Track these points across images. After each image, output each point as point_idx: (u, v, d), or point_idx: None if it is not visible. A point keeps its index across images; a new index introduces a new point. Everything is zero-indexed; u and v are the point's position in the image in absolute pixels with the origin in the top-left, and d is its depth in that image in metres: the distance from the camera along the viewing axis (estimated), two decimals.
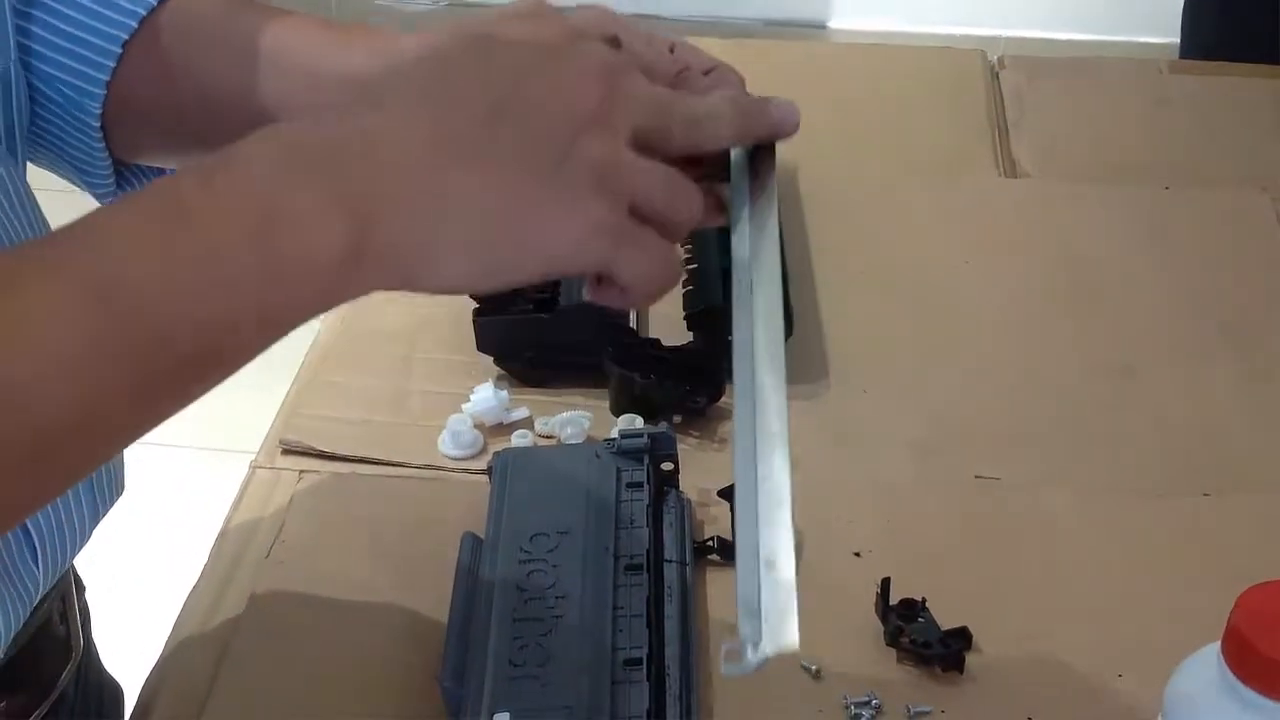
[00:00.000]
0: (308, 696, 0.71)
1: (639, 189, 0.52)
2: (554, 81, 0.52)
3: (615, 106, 0.52)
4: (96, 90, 0.66)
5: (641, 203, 0.52)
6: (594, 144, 0.51)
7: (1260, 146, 1.11)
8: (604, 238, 0.51)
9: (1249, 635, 0.50)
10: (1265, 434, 0.86)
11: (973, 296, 0.97)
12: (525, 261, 0.51)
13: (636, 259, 0.52)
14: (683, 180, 0.54)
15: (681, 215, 0.54)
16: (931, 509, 0.81)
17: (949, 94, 1.18)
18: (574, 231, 0.51)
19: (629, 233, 0.52)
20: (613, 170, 0.51)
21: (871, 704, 0.69)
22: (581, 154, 0.51)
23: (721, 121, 0.57)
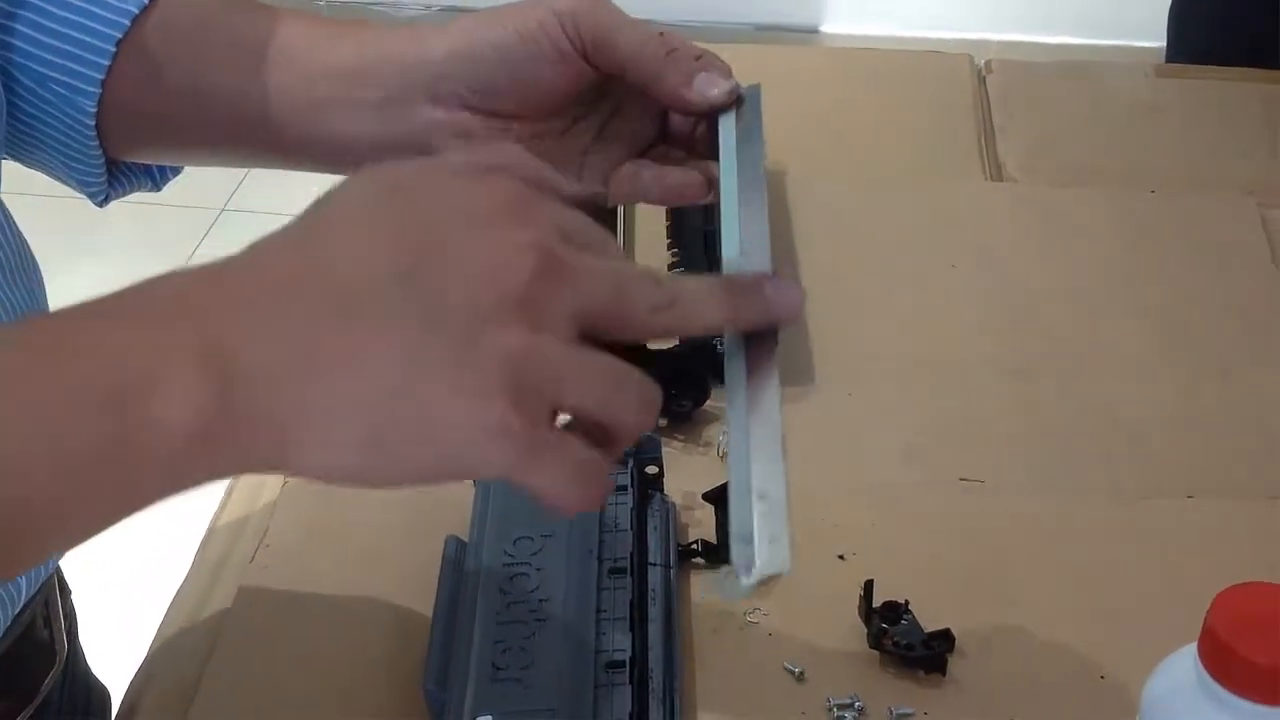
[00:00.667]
0: (291, 700, 0.71)
1: (563, 392, 0.45)
2: (482, 251, 0.45)
3: (549, 291, 0.45)
4: (91, 89, 0.67)
5: (572, 407, 0.46)
6: (511, 333, 0.44)
7: (1246, 151, 1.11)
8: (504, 448, 0.44)
9: (1225, 636, 0.50)
10: (1249, 438, 0.86)
11: (958, 300, 0.97)
12: (411, 455, 0.44)
13: (547, 476, 0.45)
14: (632, 381, 0.47)
15: (625, 421, 0.47)
16: (916, 512, 0.81)
17: (936, 98, 1.18)
18: (471, 434, 0.44)
19: (538, 445, 0.44)
20: (529, 366, 0.44)
21: (854, 706, 0.70)
22: (494, 341, 0.44)
23: (697, 308, 0.49)
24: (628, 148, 0.66)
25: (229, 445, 0.43)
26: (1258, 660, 0.50)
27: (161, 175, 0.75)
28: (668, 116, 0.66)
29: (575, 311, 0.45)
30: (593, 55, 0.62)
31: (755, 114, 0.64)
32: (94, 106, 0.67)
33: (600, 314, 0.46)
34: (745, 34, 2.76)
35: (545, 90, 0.63)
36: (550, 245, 0.45)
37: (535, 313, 0.44)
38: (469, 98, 0.64)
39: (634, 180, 0.66)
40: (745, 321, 0.51)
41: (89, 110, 0.67)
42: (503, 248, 0.45)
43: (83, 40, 0.66)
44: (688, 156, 0.66)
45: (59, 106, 0.67)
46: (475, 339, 0.44)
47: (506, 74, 0.63)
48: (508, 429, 0.44)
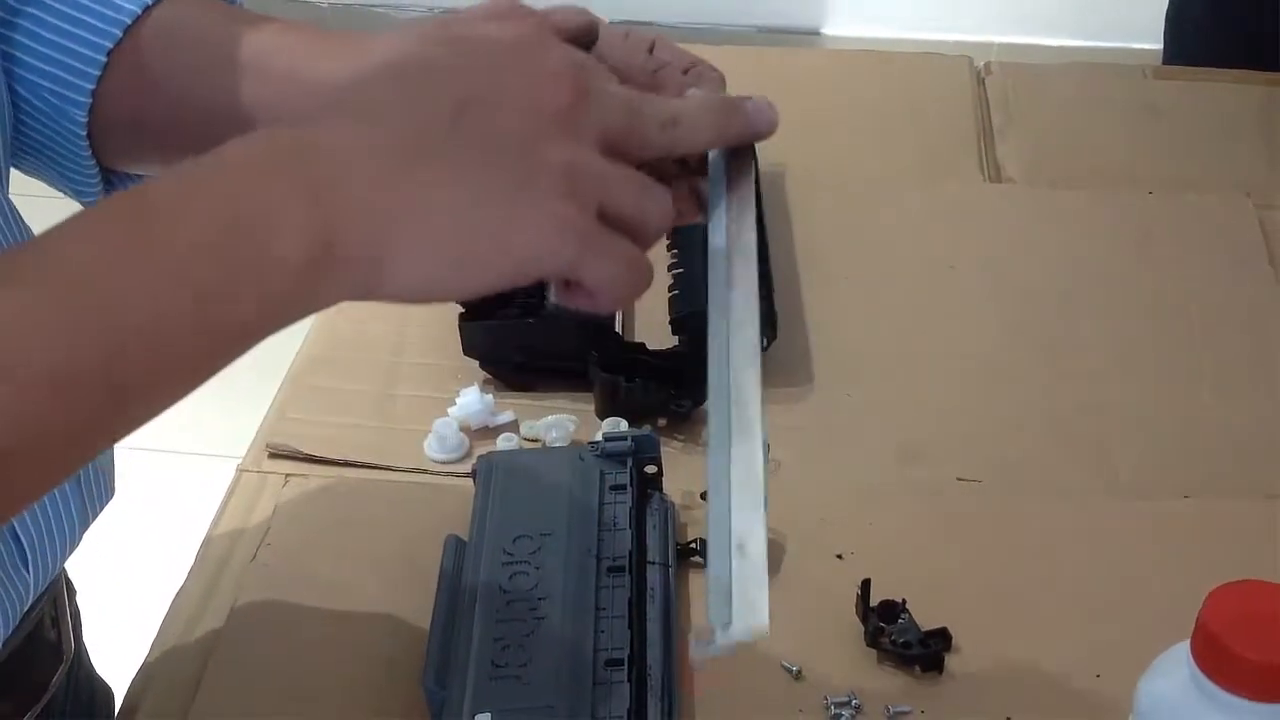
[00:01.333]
0: (292, 698, 0.71)
1: (607, 193, 0.52)
2: (520, 83, 0.51)
3: (583, 109, 0.52)
4: (81, 99, 0.67)
5: (610, 207, 0.52)
6: (560, 146, 0.51)
7: (1244, 151, 1.11)
8: (570, 240, 0.51)
9: (1218, 633, 0.51)
10: (1245, 438, 0.86)
11: (957, 301, 0.97)
12: (491, 263, 0.51)
13: (604, 263, 0.52)
14: (653, 185, 0.53)
15: (652, 220, 0.53)
16: (913, 512, 0.81)
17: (935, 100, 1.18)
18: (540, 233, 0.50)
19: (596, 236, 0.51)
20: (579, 173, 0.51)
21: (852, 704, 0.70)
22: (547, 156, 0.50)
23: (696, 124, 0.56)
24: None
25: (334, 274, 0.49)
26: (1250, 657, 0.50)
27: None
28: None
29: (603, 127, 0.52)
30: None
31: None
32: (84, 116, 0.67)
33: (622, 130, 0.53)
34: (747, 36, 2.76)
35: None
36: (583, 76, 0.52)
37: (575, 128, 0.51)
38: None
39: None
40: (732, 133, 0.58)
41: (80, 120, 0.67)
42: (539, 76, 0.51)
43: (74, 50, 0.66)
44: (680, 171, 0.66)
45: (51, 115, 0.67)
46: (530, 155, 0.50)
47: None
48: (571, 224, 0.50)
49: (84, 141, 0.68)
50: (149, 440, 0.53)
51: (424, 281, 0.51)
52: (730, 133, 0.58)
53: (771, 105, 0.59)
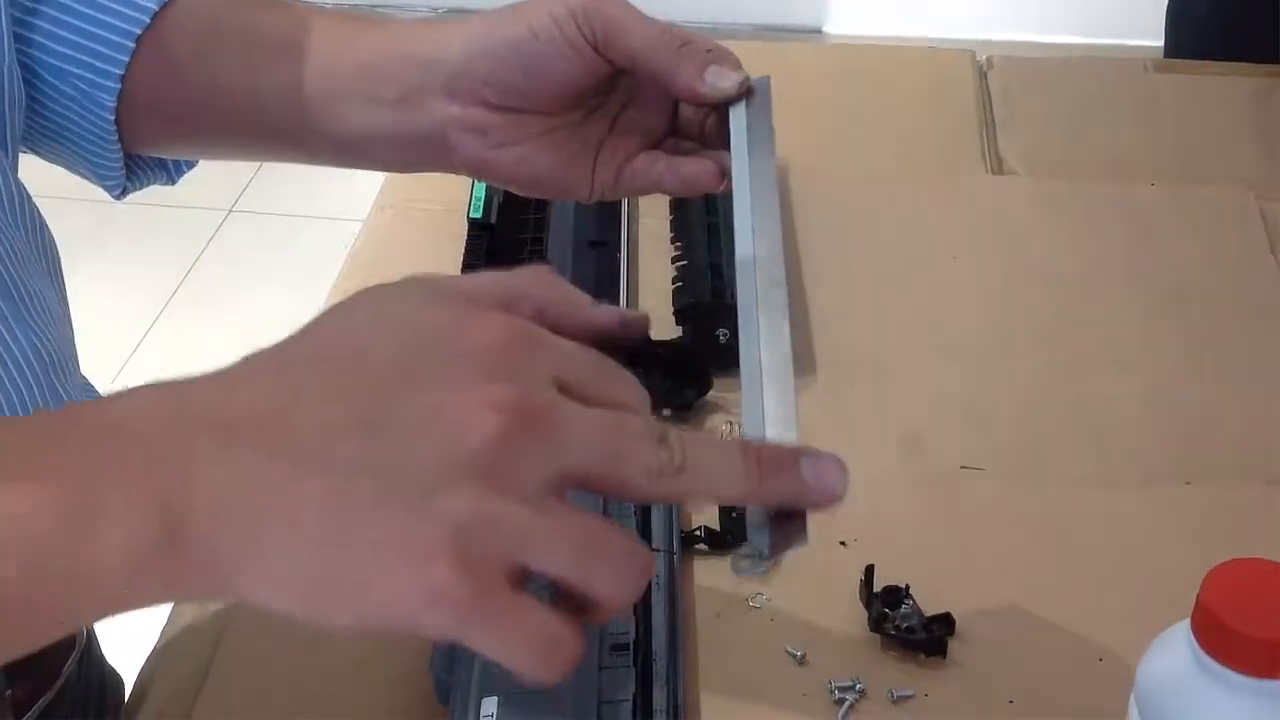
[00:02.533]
0: (301, 683, 0.72)
1: (530, 555, 0.42)
2: (448, 408, 0.42)
3: (521, 451, 0.42)
4: (111, 84, 0.67)
5: (541, 571, 0.43)
6: (463, 494, 0.41)
7: (1245, 143, 1.12)
8: (445, 609, 0.41)
9: (1217, 611, 0.51)
10: (1246, 425, 0.87)
11: (959, 292, 0.98)
12: (348, 608, 0.42)
13: (500, 641, 0.42)
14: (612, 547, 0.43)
15: (602, 591, 0.43)
16: (917, 499, 0.82)
17: (938, 93, 1.19)
18: (408, 593, 0.41)
19: (489, 610, 0.42)
20: (480, 530, 0.41)
21: (855, 688, 0.70)
22: (444, 503, 0.41)
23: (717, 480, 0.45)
24: (641, 139, 0.67)
25: (172, 576, 0.42)
26: (1250, 634, 0.51)
27: (177, 168, 0.76)
28: (678, 108, 0.67)
29: (554, 471, 0.43)
30: (605, 49, 0.63)
31: (765, 104, 0.65)
32: (113, 101, 0.68)
33: (589, 474, 0.43)
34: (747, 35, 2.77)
35: (559, 84, 0.64)
36: (533, 401, 0.43)
37: (499, 475, 0.42)
38: (485, 93, 0.65)
39: (649, 171, 0.67)
40: (771, 501, 0.48)
41: (109, 105, 0.68)
42: (469, 405, 0.42)
43: (103, 36, 0.67)
44: (699, 147, 0.67)
45: (79, 101, 0.68)
46: (426, 499, 0.42)
47: (521, 69, 0.64)
48: (445, 594, 0.41)
49: (112, 126, 0.68)
50: None
51: (276, 604, 0.43)
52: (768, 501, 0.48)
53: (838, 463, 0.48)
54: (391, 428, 0.42)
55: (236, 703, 0.71)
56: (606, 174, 0.67)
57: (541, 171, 0.66)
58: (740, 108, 0.64)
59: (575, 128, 0.66)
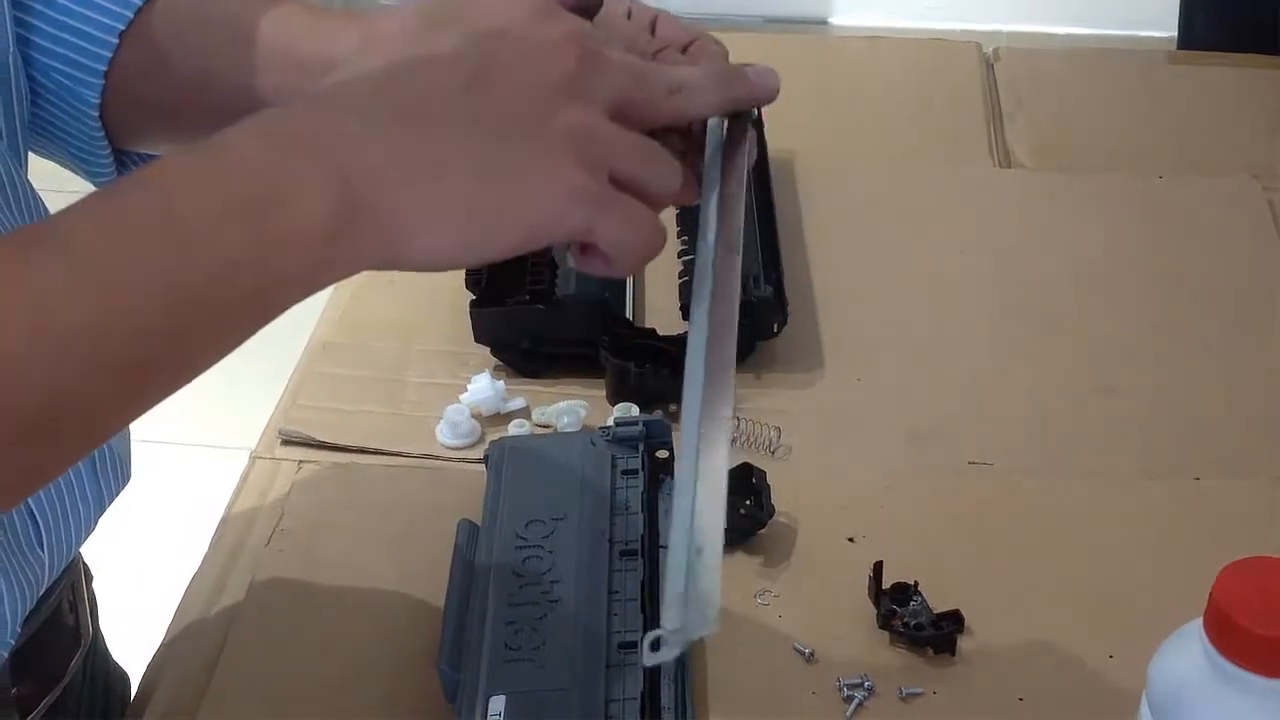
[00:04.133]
0: (307, 681, 0.72)
1: (616, 157, 0.53)
2: (528, 52, 0.52)
3: (590, 76, 0.52)
4: (94, 80, 0.67)
5: (620, 171, 0.53)
6: (570, 112, 0.52)
7: (1253, 135, 1.11)
8: (583, 203, 0.51)
9: (1230, 609, 0.51)
10: (1255, 420, 0.86)
11: (967, 285, 0.97)
12: (506, 229, 0.51)
13: (618, 225, 0.53)
14: (660, 150, 0.54)
15: (660, 183, 0.54)
16: (924, 495, 0.81)
17: (945, 85, 1.18)
18: (553, 197, 0.51)
19: (609, 199, 0.52)
20: (589, 138, 0.52)
21: (864, 686, 0.70)
22: (556, 123, 0.51)
23: (701, 89, 0.57)
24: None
25: (353, 242, 0.49)
26: (1263, 633, 0.50)
27: None
28: None
29: (611, 94, 0.53)
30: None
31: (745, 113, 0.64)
32: (97, 97, 0.67)
33: (628, 96, 0.54)
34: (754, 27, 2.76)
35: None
36: (588, 43, 0.53)
37: (581, 94, 0.52)
38: None
39: None
40: (735, 98, 0.59)
41: (93, 101, 0.67)
42: (546, 45, 0.52)
43: (86, 32, 0.66)
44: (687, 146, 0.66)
45: (63, 97, 0.68)
46: (540, 121, 0.51)
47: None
48: (583, 188, 0.51)
49: (97, 122, 0.68)
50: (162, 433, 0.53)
51: (442, 249, 0.51)
52: (733, 98, 0.59)
53: (772, 71, 0.60)
54: (490, 78, 0.51)
55: (242, 702, 0.71)
56: None
57: None
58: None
59: None
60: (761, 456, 0.83)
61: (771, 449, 0.84)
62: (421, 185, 0.50)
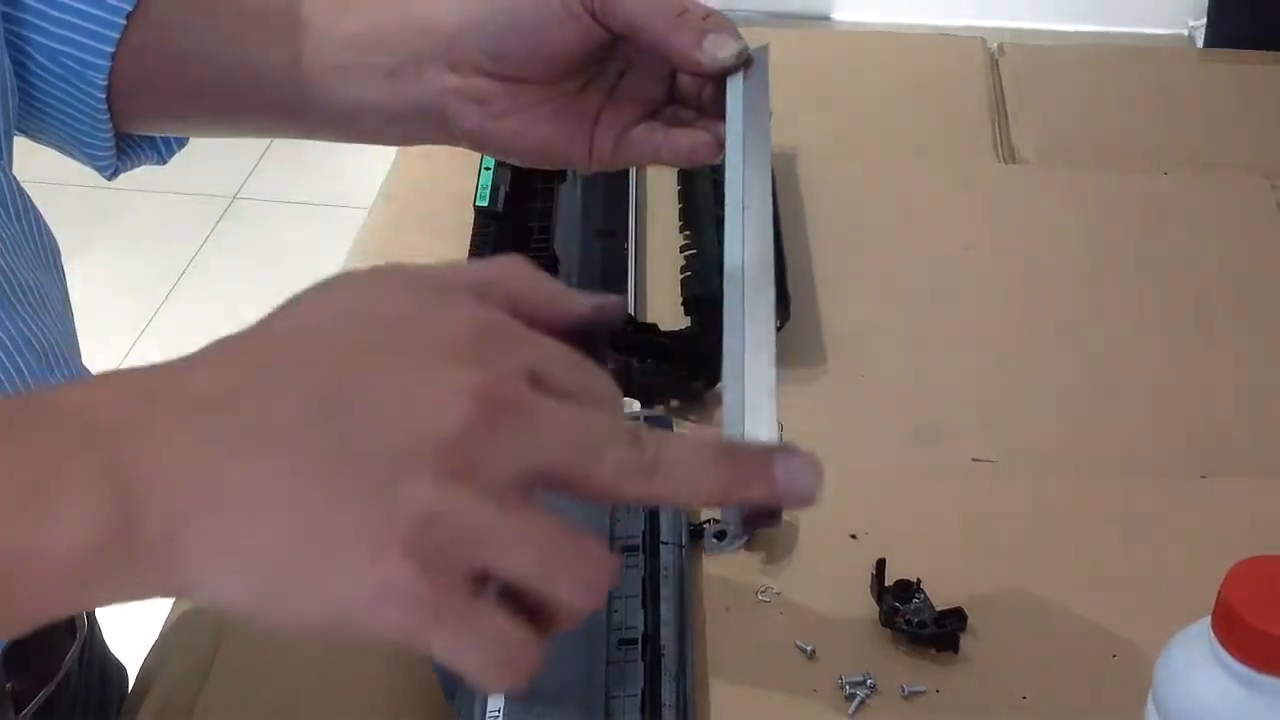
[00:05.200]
0: (304, 679, 0.71)
1: (490, 557, 0.40)
2: (417, 391, 0.40)
3: (490, 440, 0.40)
4: (101, 62, 0.67)
5: (499, 574, 0.40)
6: (428, 485, 0.39)
7: (1259, 132, 1.11)
8: (405, 608, 0.39)
9: (1239, 608, 0.50)
10: (1262, 418, 0.86)
11: (971, 282, 0.97)
12: (307, 606, 0.40)
13: (456, 646, 0.40)
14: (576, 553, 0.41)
15: (562, 600, 0.41)
16: (928, 492, 0.81)
17: (949, 81, 1.18)
18: (367, 589, 0.39)
19: (448, 611, 0.40)
20: (443, 525, 0.39)
21: (866, 684, 0.70)
22: (409, 493, 0.39)
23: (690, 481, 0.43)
24: (639, 109, 0.66)
25: (125, 569, 0.41)
26: (1272, 631, 0.50)
27: (167, 147, 0.75)
28: (676, 78, 0.66)
29: (523, 465, 0.40)
30: (603, 15, 0.62)
31: (763, 76, 0.64)
32: (104, 79, 0.67)
33: (557, 470, 0.41)
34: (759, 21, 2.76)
35: (557, 52, 0.63)
36: (503, 389, 0.41)
37: (465, 465, 0.40)
38: (483, 62, 0.64)
39: (646, 142, 0.66)
40: (742, 501, 0.46)
41: (100, 83, 0.67)
42: (438, 390, 0.40)
43: (93, 14, 0.66)
44: (698, 116, 0.66)
45: (69, 80, 0.67)
46: (390, 488, 0.40)
47: (519, 37, 0.63)
48: (407, 591, 0.39)
49: (103, 105, 0.68)
50: None
51: (230, 598, 0.41)
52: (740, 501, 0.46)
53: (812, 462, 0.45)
54: (357, 411, 0.40)
55: (239, 700, 0.71)
56: (605, 143, 0.66)
57: (541, 140, 0.65)
58: (738, 79, 0.63)
59: (573, 97, 0.65)
60: None
61: None
62: (221, 521, 0.40)
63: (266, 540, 0.40)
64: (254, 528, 0.40)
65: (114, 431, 0.41)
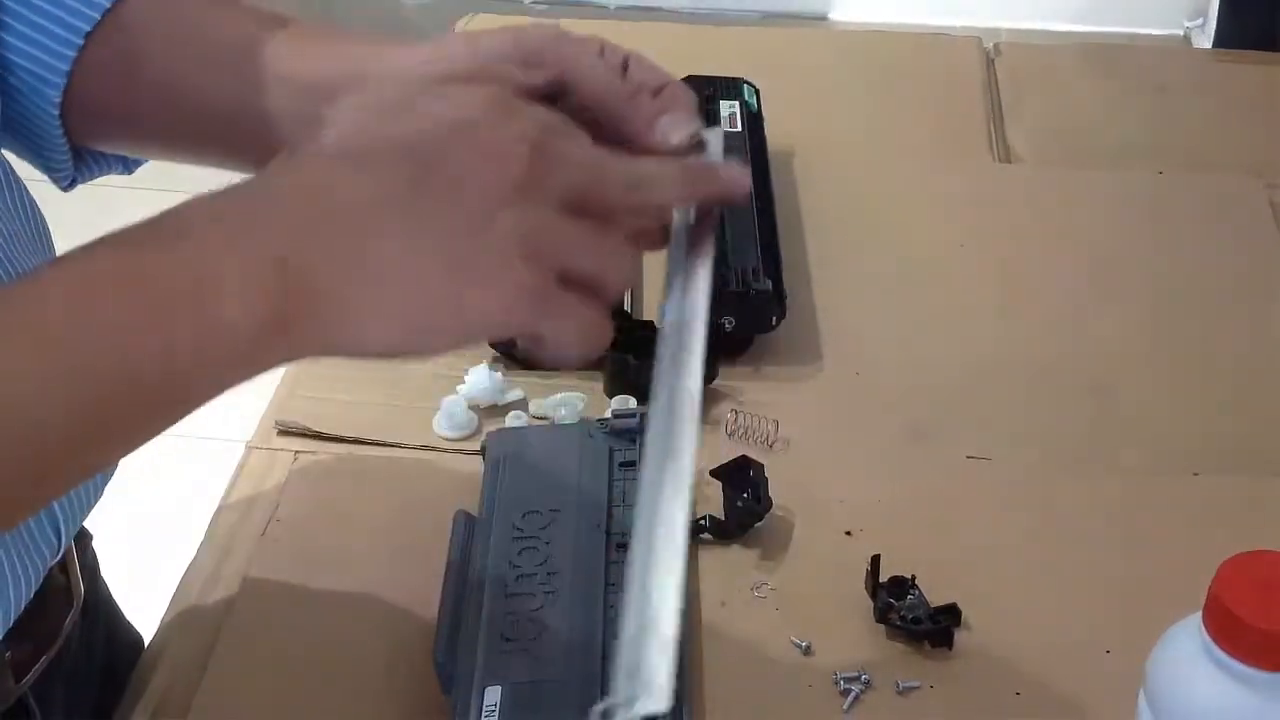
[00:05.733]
0: (303, 670, 0.71)
1: (566, 256, 0.52)
2: (480, 149, 0.51)
3: (543, 174, 0.51)
4: (57, 80, 0.67)
5: (570, 268, 0.52)
6: (519, 212, 0.51)
7: (1256, 133, 1.11)
8: (528, 304, 0.51)
9: (1230, 603, 0.51)
10: (1254, 417, 0.86)
11: (966, 280, 0.97)
12: (448, 327, 0.51)
13: (563, 325, 0.52)
14: (613, 245, 0.54)
15: (610, 280, 0.53)
16: (923, 489, 0.81)
17: (945, 80, 1.18)
18: (495, 300, 0.51)
19: (555, 299, 0.52)
20: (536, 239, 0.51)
21: (861, 679, 0.70)
22: (506, 222, 0.51)
23: (665, 185, 0.56)
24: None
25: (288, 335, 0.49)
26: (1262, 626, 0.50)
27: (135, 160, 0.75)
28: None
29: (565, 189, 0.52)
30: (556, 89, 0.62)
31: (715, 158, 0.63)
32: (59, 96, 0.67)
33: (585, 191, 0.52)
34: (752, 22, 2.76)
35: None
36: (537, 134, 0.51)
37: (535, 191, 0.51)
38: None
39: None
40: (700, 194, 0.58)
41: (54, 100, 0.67)
42: (499, 142, 0.51)
43: (53, 31, 0.66)
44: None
45: (25, 94, 0.67)
46: (490, 221, 0.50)
47: None
48: (526, 289, 0.50)
49: (57, 121, 0.68)
50: None
51: (383, 344, 0.51)
52: (699, 196, 0.58)
53: (745, 172, 0.59)
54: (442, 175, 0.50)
55: (237, 691, 0.71)
56: None
57: None
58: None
59: None
60: (759, 450, 0.82)
61: (769, 442, 0.83)
62: (363, 279, 0.50)
63: (405, 287, 0.50)
64: (395, 286, 0.50)
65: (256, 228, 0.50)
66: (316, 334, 0.50)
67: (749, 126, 1.02)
